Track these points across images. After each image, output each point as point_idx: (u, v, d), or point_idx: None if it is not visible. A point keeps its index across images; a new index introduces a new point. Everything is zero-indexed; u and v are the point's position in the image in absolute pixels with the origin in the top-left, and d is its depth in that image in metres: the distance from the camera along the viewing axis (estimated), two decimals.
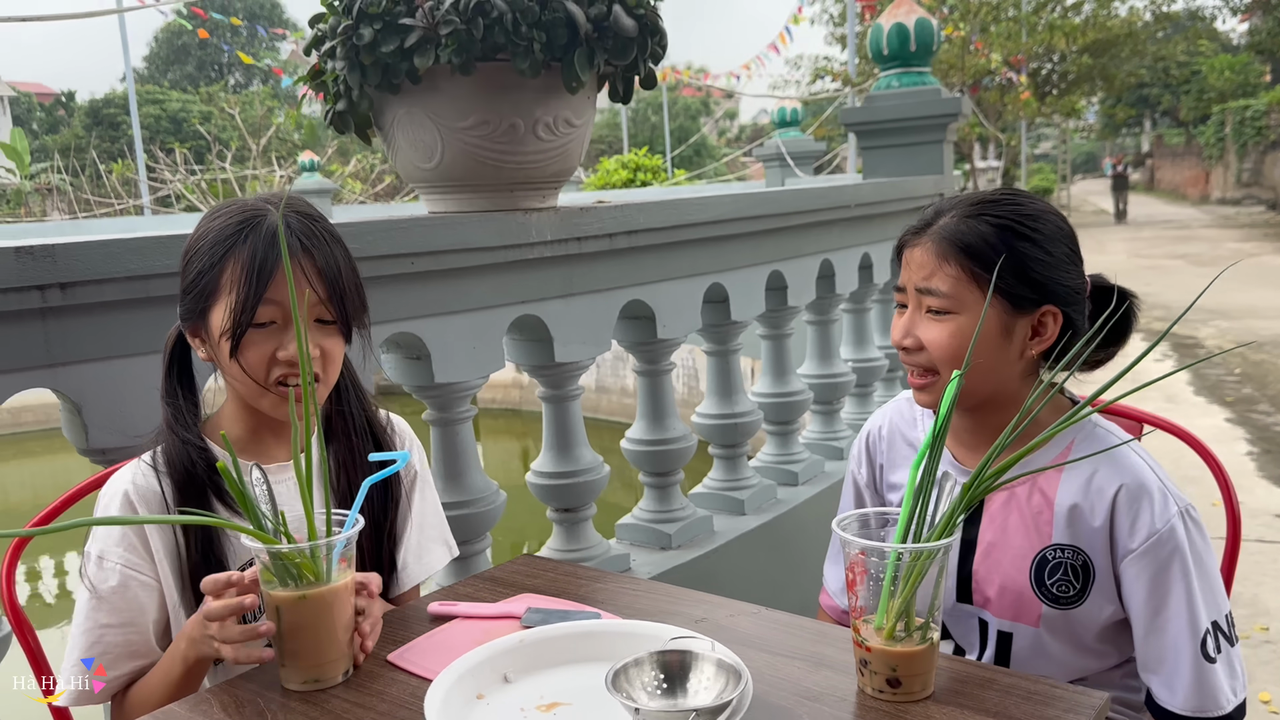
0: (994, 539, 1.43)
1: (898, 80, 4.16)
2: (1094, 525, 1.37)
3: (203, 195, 15.58)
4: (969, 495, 1.05)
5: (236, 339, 1.28)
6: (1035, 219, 1.39)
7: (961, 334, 1.36)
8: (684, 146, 29.64)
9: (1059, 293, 1.38)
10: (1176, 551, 1.32)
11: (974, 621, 1.45)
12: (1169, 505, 1.34)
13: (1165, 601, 1.33)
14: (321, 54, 2.11)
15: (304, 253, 1.31)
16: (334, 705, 1.08)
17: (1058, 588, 1.38)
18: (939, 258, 1.37)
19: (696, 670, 1.01)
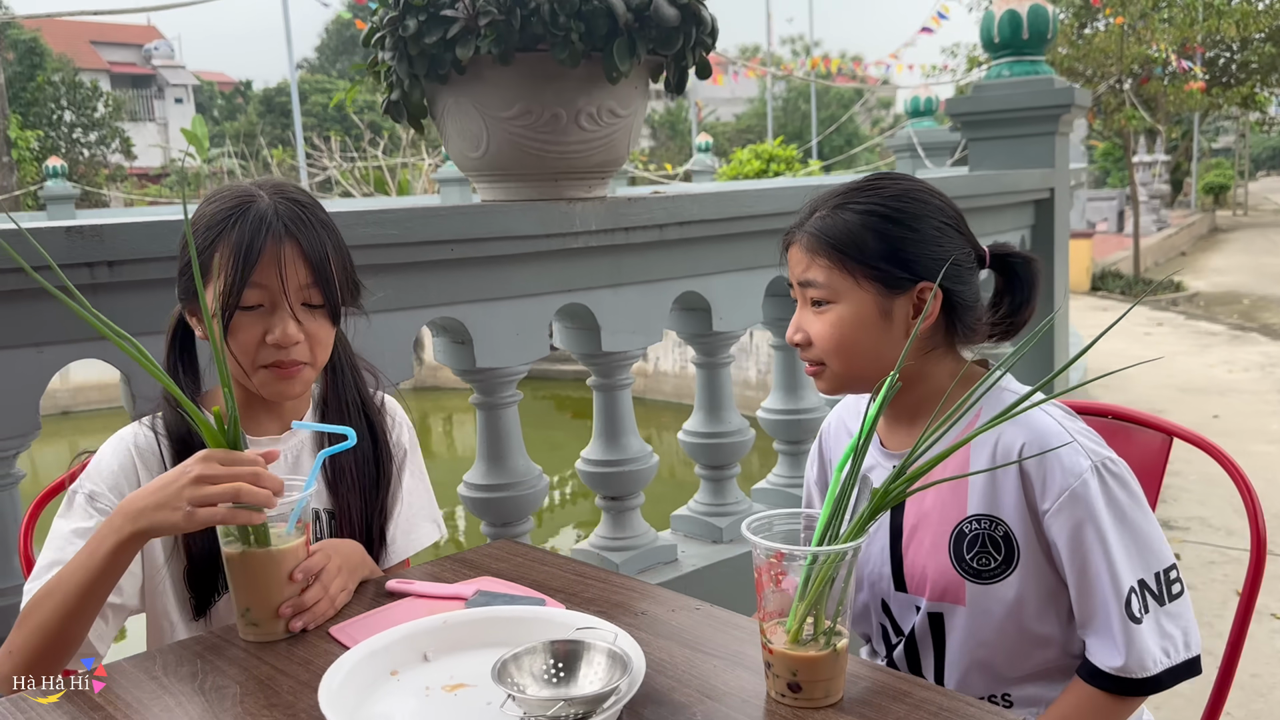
0: (916, 520, 1.39)
1: (1008, 69, 4.01)
2: (1007, 491, 1.32)
3: (356, 182, 16.26)
4: (877, 502, 1.02)
5: (225, 322, 1.33)
6: (899, 199, 1.37)
7: (841, 323, 1.36)
8: (828, 131, 29.13)
9: (932, 268, 1.34)
10: (1090, 508, 1.27)
11: (913, 609, 1.41)
12: (1079, 459, 1.28)
13: (1086, 561, 1.27)
14: (374, 44, 2.17)
15: (289, 237, 1.35)
16: (261, 671, 1.12)
17: (978, 560, 1.33)
18: (810, 252, 1.37)
19: (587, 660, 1.01)
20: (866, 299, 1.35)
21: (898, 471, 1.03)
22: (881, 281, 1.34)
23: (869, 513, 1.02)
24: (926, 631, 1.39)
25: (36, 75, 26.13)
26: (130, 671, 1.13)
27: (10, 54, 26.87)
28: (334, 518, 1.48)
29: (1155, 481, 1.63)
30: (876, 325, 1.36)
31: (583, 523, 8.18)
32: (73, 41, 37.90)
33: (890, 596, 1.43)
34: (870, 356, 1.37)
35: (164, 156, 33.94)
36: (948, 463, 1.35)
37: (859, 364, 1.37)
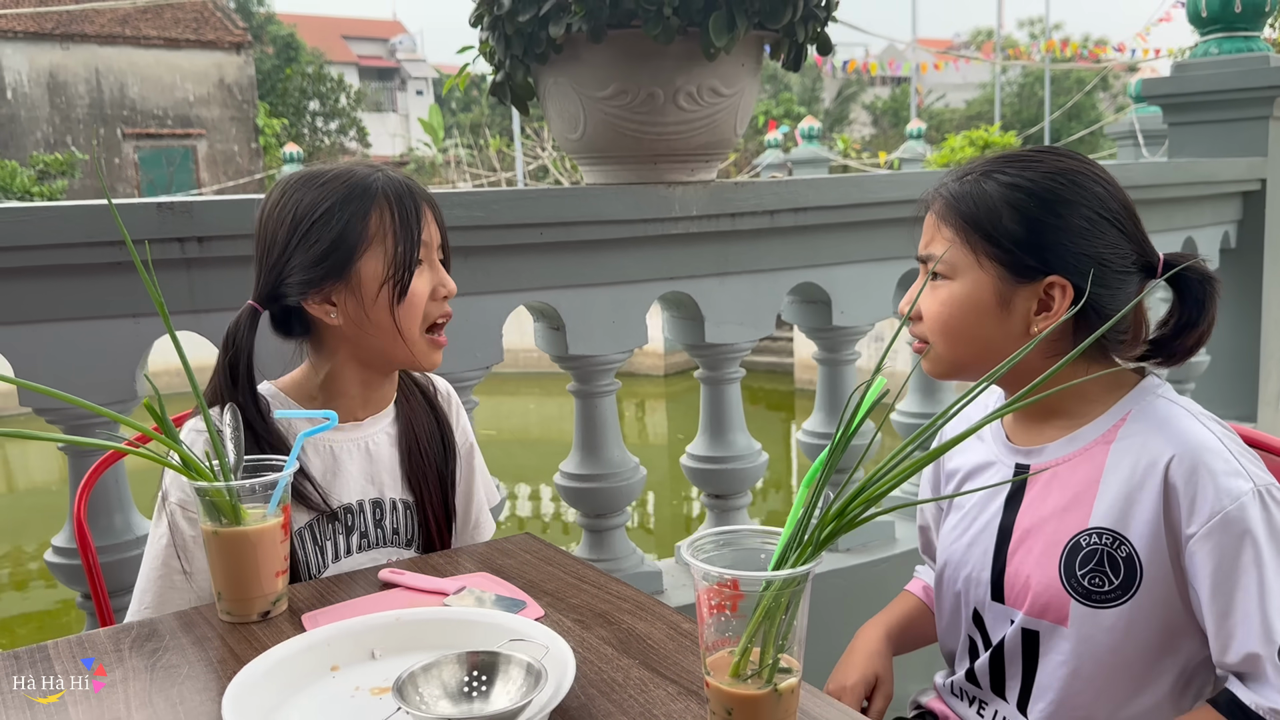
0: (1031, 524, 1.22)
1: (1217, 46, 3.60)
2: (1144, 507, 1.14)
3: (567, 170, 16.64)
4: (832, 524, 0.88)
5: (404, 284, 1.35)
6: (1053, 177, 1.19)
7: (952, 301, 1.21)
8: (1055, 114, 27.43)
9: (1069, 262, 1.18)
10: (1248, 535, 1.07)
11: (1007, 622, 1.24)
12: (1239, 481, 1.09)
13: (1233, 597, 1.08)
14: (478, 24, 2.15)
15: (424, 199, 1.40)
16: (218, 653, 1.11)
17: (1090, 580, 1.16)
18: (939, 219, 1.24)
19: (504, 675, 0.93)
20: (986, 281, 1.21)
21: (859, 488, 0.89)
22: (1006, 265, 1.20)
23: (825, 535, 0.89)
24: (1018, 650, 1.24)
25: (286, 68, 28.22)
26: (102, 642, 1.14)
27: (270, 48, 29.16)
28: (410, 509, 1.48)
29: None
30: (992, 313, 1.22)
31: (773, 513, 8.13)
32: (325, 36, 40.72)
33: (985, 605, 1.28)
34: (979, 345, 1.23)
35: (404, 145, 35.93)
36: (1078, 467, 1.20)
37: (966, 350, 1.24)
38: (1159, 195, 3.20)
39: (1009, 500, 1.27)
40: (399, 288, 1.34)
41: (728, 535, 0.96)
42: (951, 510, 1.37)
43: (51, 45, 20.61)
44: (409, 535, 1.48)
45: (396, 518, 1.47)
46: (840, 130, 35.01)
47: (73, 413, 1.81)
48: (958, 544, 1.32)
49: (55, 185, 16.00)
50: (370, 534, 1.45)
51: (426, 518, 1.49)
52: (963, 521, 1.32)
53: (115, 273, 1.79)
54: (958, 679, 1.34)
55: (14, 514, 9.41)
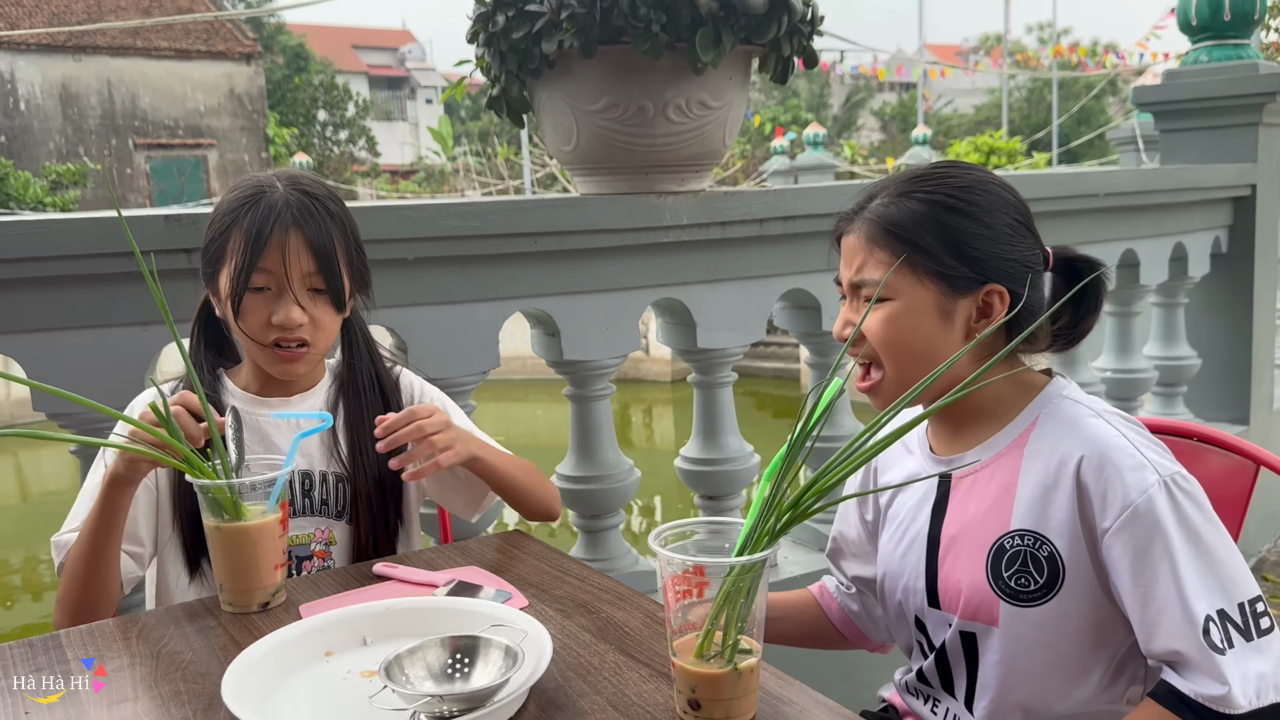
0: (956, 531, 1.27)
1: (1207, 54, 3.66)
2: (1060, 507, 1.19)
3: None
4: (789, 514, 0.95)
5: (236, 303, 1.42)
6: (970, 190, 1.25)
7: (896, 320, 1.25)
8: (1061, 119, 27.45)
9: (1002, 269, 1.23)
10: (1157, 527, 1.12)
11: (945, 626, 1.29)
12: (1145, 473, 1.14)
13: (1154, 584, 1.12)
14: (474, 41, 2.22)
15: (295, 227, 1.43)
16: (219, 640, 1.18)
17: (1016, 581, 1.20)
18: (869, 243, 1.26)
19: (484, 657, 1.00)
20: (927, 297, 1.25)
21: (811, 481, 0.96)
22: (946, 280, 1.24)
23: (781, 525, 0.95)
24: (959, 651, 1.29)
25: (296, 78, 28.43)
26: (111, 631, 1.21)
27: (279, 58, 29.35)
28: (342, 481, 1.55)
29: (1239, 513, 1.46)
30: (935, 326, 1.26)
31: None
32: (335, 46, 40.94)
33: (924, 612, 1.33)
34: (925, 359, 1.26)
35: (414, 154, 36.12)
36: (995, 472, 1.25)
37: (913, 367, 1.26)
38: (1151, 201, 3.26)
39: (935, 510, 1.32)
40: (233, 308, 1.44)
41: (688, 526, 1.02)
42: (887, 524, 1.42)
43: (64, 57, 20.84)
44: (340, 506, 1.56)
45: (326, 489, 1.55)
46: (848, 136, 35.07)
47: (85, 417, 1.87)
48: (893, 555, 1.37)
49: (68, 195, 16.17)
50: (297, 503, 1.53)
51: (360, 491, 1.55)
52: (896, 533, 1.37)
53: (124, 282, 1.86)
54: (910, 678, 1.40)
55: (29, 522, 9.50)
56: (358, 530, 1.54)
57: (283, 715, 0.99)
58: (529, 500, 1.60)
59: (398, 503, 1.58)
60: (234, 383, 1.57)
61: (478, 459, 1.49)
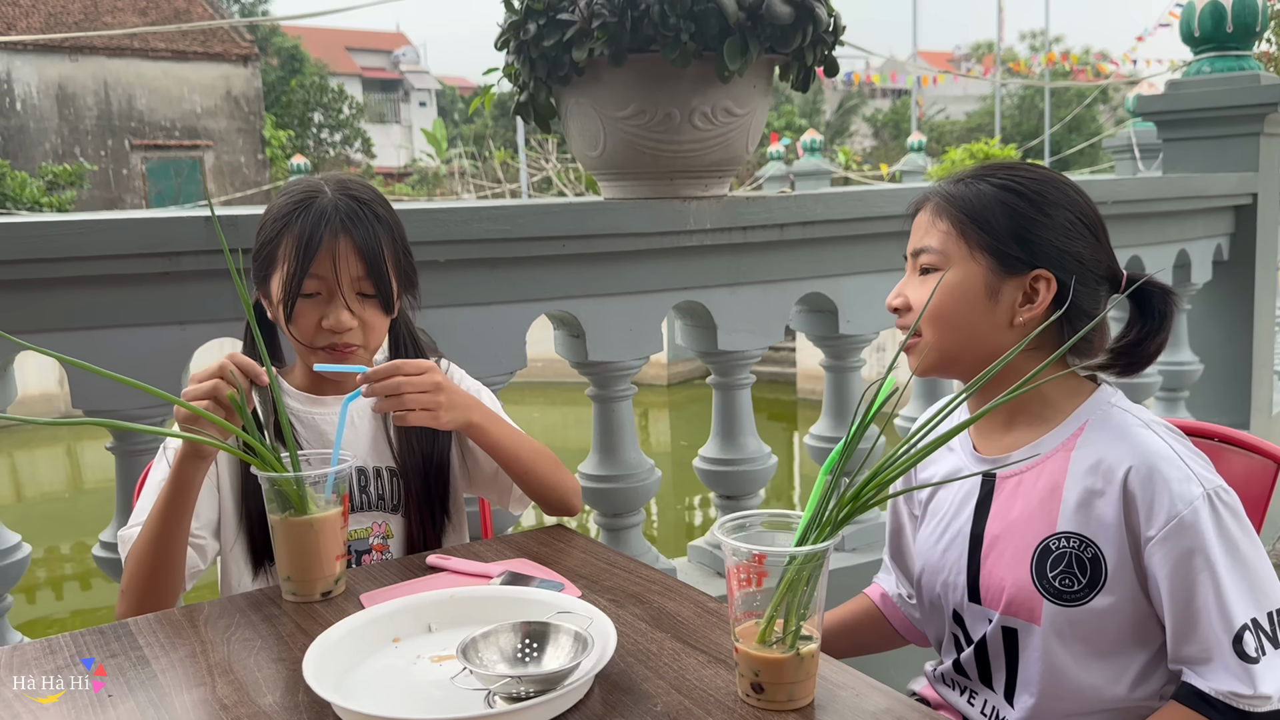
0: (1000, 530, 1.32)
1: (1209, 65, 3.72)
2: (1105, 513, 1.23)
3: (570, 182, 16.77)
4: (849, 505, 0.99)
5: (289, 308, 1.46)
6: (1040, 183, 1.31)
7: (944, 289, 1.30)
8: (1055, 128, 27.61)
9: (1053, 257, 1.28)
10: (1200, 538, 1.17)
11: (985, 621, 1.34)
12: (1190, 486, 1.19)
13: (1193, 594, 1.17)
14: (504, 48, 2.27)
15: (345, 232, 1.46)
16: (286, 628, 1.22)
17: (1060, 581, 1.25)
18: (934, 215, 1.34)
19: (554, 642, 1.04)
20: (976, 271, 1.30)
21: (872, 474, 1.00)
22: (996, 257, 1.30)
23: (842, 515, 1.00)
24: (1000, 646, 1.33)
25: (291, 80, 28.42)
26: (178, 618, 1.25)
27: (274, 60, 29.34)
28: (395, 475, 1.59)
29: (1259, 512, 1.50)
30: (980, 302, 1.31)
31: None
32: (329, 48, 40.92)
33: (963, 607, 1.37)
34: (966, 333, 1.32)
35: (408, 157, 36.11)
36: (1041, 474, 1.30)
37: (953, 338, 1.32)
38: (1154, 209, 3.32)
39: (978, 508, 1.36)
40: (287, 312, 1.48)
41: (754, 517, 1.07)
42: (925, 519, 1.46)
43: (60, 57, 20.82)
44: (394, 501, 1.60)
45: (381, 484, 1.59)
46: (841, 142, 35.20)
47: (125, 414, 1.91)
48: (933, 550, 1.41)
49: (64, 196, 16.15)
50: (355, 499, 1.57)
51: (410, 484, 1.60)
52: (936, 529, 1.42)
53: (164, 282, 1.90)
54: (946, 669, 1.43)
55: (27, 523, 9.52)
56: (410, 522, 1.58)
57: (362, 695, 1.03)
58: (540, 483, 1.58)
59: (444, 495, 1.62)
60: (288, 382, 1.61)
61: (474, 425, 1.47)
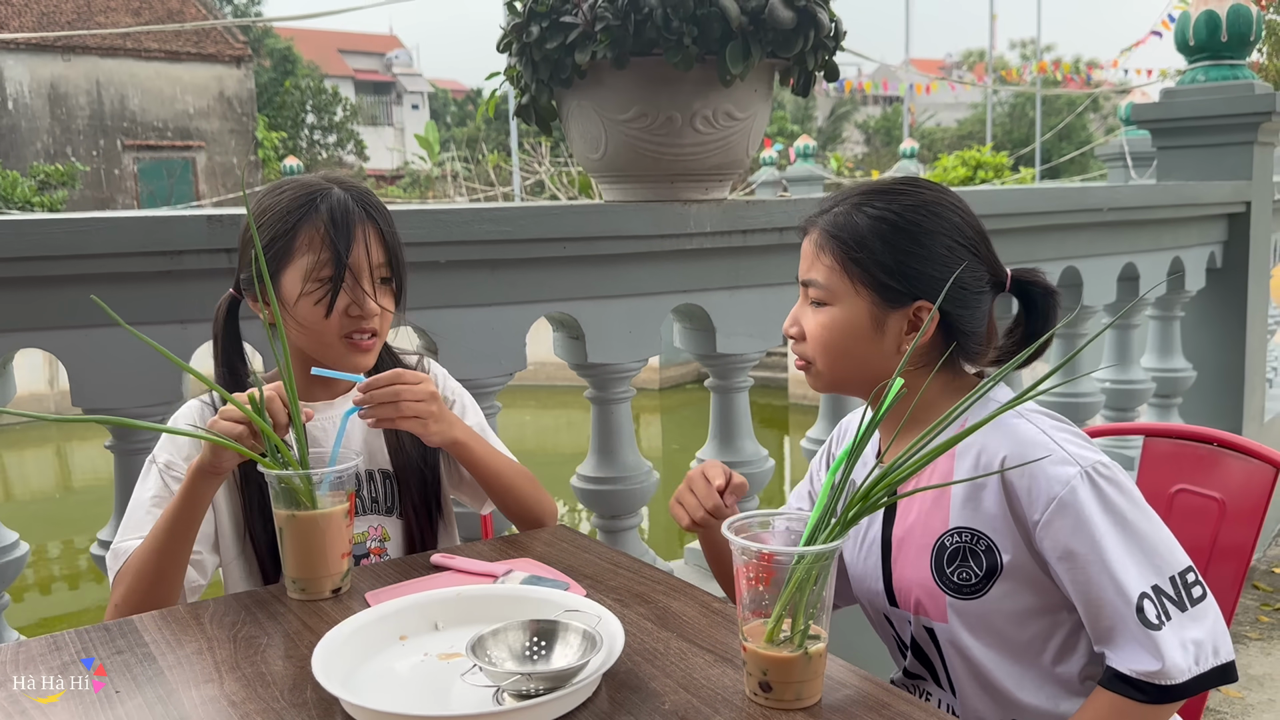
0: (903, 533, 1.35)
1: (1204, 74, 3.75)
2: (990, 504, 1.27)
3: (564, 186, 16.78)
4: (858, 504, 1.00)
5: (334, 295, 1.45)
6: (915, 210, 1.33)
7: (833, 325, 1.34)
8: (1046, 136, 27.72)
9: (934, 287, 1.30)
10: (1082, 514, 1.20)
11: (908, 625, 1.37)
12: (1065, 467, 1.22)
13: (1086, 572, 1.20)
14: (506, 50, 2.27)
15: (369, 220, 1.49)
16: (291, 625, 1.22)
17: (957, 575, 1.28)
18: (818, 248, 1.36)
19: (563, 640, 1.05)
20: (861, 306, 1.34)
21: (881, 475, 1.01)
22: (878, 291, 1.33)
23: (851, 515, 1.01)
24: (928, 644, 1.37)
25: (284, 81, 28.38)
26: (183, 616, 1.25)
27: (266, 61, 29.29)
28: (390, 478, 1.59)
29: (1258, 516, 1.52)
30: (868, 335, 1.35)
31: None
32: (322, 50, 40.86)
33: (889, 612, 1.41)
34: (857, 363, 1.36)
35: (400, 159, 36.08)
36: (933, 473, 1.32)
37: (845, 368, 1.37)
38: (1148, 217, 3.34)
39: (885, 514, 1.39)
40: (319, 300, 1.47)
41: (763, 516, 1.07)
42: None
43: (53, 56, 20.75)
44: (389, 503, 1.60)
45: (375, 487, 1.60)
46: (833, 148, 35.30)
47: (123, 412, 1.91)
48: (856, 559, 1.45)
49: (55, 195, 16.09)
50: None
51: (406, 486, 1.61)
52: (855, 537, 1.45)
53: (165, 281, 1.90)
54: (899, 676, 1.48)
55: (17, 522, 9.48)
56: (408, 524, 1.59)
57: (370, 692, 1.04)
58: (518, 503, 1.61)
59: (439, 495, 1.62)
60: None
61: (459, 443, 1.51)
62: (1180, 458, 1.60)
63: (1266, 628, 3.45)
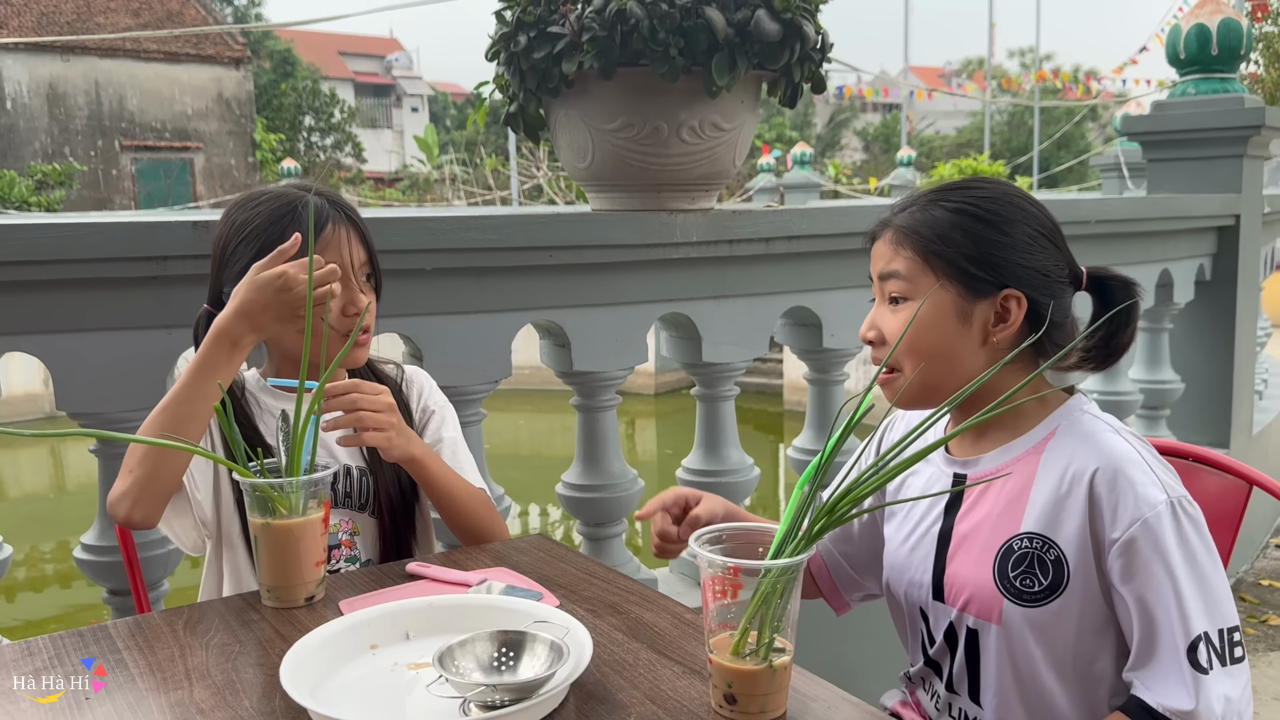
0: (968, 529, 1.33)
1: (1194, 87, 3.77)
2: (1071, 514, 1.24)
3: (561, 190, 16.80)
4: (822, 520, 1.01)
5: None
6: (993, 200, 1.32)
7: (917, 321, 1.30)
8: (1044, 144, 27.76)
9: (1020, 275, 1.29)
10: (1162, 543, 1.18)
11: (948, 622, 1.35)
12: (1155, 491, 1.20)
13: (1152, 599, 1.19)
14: (494, 59, 2.28)
15: (348, 222, 1.55)
16: (264, 633, 1.22)
17: (1021, 581, 1.26)
18: (895, 245, 1.34)
19: (530, 651, 1.05)
20: (946, 299, 1.31)
21: (849, 487, 1.02)
22: (964, 283, 1.31)
23: (817, 529, 1.01)
24: (963, 645, 1.34)
25: (283, 83, 28.38)
26: (158, 623, 1.26)
27: (266, 62, 29.29)
28: (365, 474, 1.62)
29: (1231, 532, 1.52)
30: (953, 328, 1.31)
31: None
32: (322, 52, 40.86)
33: (928, 605, 1.38)
34: (943, 360, 1.32)
35: (399, 162, 36.09)
36: (1011, 476, 1.31)
37: (932, 368, 1.32)
38: (1138, 229, 3.35)
39: (948, 507, 1.37)
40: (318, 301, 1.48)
41: (731, 530, 1.08)
42: (891, 516, 1.47)
43: (52, 57, 20.75)
44: (363, 499, 1.62)
45: (350, 483, 1.61)
46: (832, 155, 35.33)
47: (107, 416, 1.92)
48: (900, 550, 1.42)
49: (53, 196, 16.09)
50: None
51: (381, 481, 1.62)
52: (905, 527, 1.43)
53: (151, 286, 1.91)
54: (917, 670, 1.45)
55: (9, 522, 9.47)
56: (381, 522, 1.60)
57: (338, 702, 1.04)
58: (470, 525, 1.61)
59: (415, 493, 1.64)
60: (264, 376, 1.64)
61: (416, 460, 1.52)
62: None
63: (1252, 639, 3.46)
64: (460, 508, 1.60)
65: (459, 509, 1.60)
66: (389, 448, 1.47)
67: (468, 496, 1.61)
